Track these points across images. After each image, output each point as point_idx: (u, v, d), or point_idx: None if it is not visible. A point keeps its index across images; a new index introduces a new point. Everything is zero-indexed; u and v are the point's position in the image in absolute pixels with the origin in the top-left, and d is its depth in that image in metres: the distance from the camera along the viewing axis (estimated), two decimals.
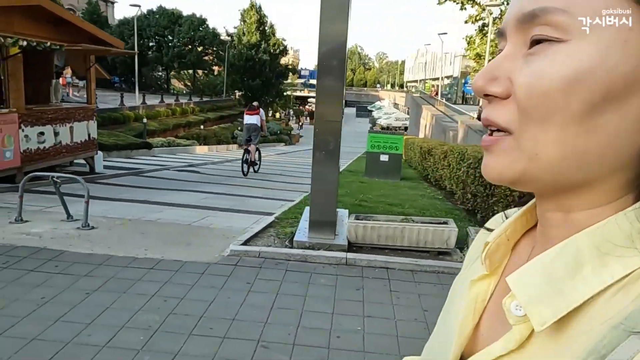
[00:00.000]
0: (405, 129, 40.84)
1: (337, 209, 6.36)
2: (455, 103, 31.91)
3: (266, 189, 9.81)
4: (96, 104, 10.40)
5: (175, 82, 47.44)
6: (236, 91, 41.66)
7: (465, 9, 18.45)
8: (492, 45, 17.61)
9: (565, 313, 0.34)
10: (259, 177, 11.96)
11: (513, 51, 0.37)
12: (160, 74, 44.11)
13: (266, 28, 41.27)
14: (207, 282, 3.82)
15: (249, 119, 11.87)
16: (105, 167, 10.90)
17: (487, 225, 0.53)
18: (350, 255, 4.46)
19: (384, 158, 14.05)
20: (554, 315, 0.35)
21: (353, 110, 77.63)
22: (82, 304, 3.33)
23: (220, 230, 5.50)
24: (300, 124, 47.94)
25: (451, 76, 55.97)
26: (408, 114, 44.29)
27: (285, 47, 42.09)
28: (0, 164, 7.54)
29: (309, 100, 61.72)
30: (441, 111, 22.39)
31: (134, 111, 20.88)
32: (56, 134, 8.83)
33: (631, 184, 0.36)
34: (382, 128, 45.18)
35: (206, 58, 40.95)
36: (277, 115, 48.10)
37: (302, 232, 5.09)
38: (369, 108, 68.87)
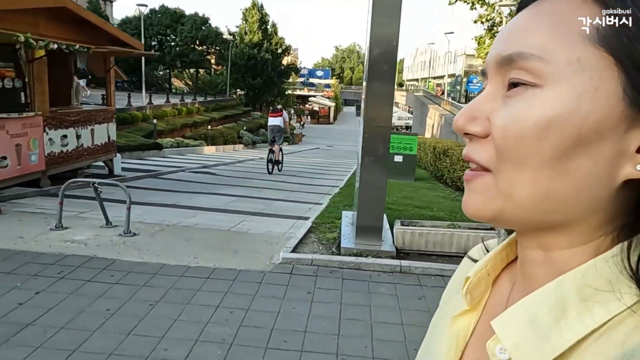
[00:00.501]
0: (407, 127, 40.86)
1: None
2: (459, 102, 31.93)
3: (287, 191, 9.75)
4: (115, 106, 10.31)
5: (175, 81, 47.23)
6: (237, 90, 41.54)
7: (475, 8, 18.39)
8: None
9: (551, 359, 0.35)
10: (277, 178, 11.91)
11: (493, 92, 0.39)
12: (161, 73, 43.92)
13: (268, 27, 41.17)
14: (268, 292, 3.76)
15: (273, 121, 12.18)
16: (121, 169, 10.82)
17: (470, 254, 0.54)
18: (405, 262, 4.41)
19: (398, 159, 14.00)
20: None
21: (353, 109, 77.61)
22: (149, 316, 3.27)
23: (260, 236, 5.44)
24: (302, 122, 47.87)
25: (453, 75, 56.00)
26: (410, 112, 44.28)
27: (288, 46, 42.00)
28: (26, 167, 7.44)
29: (310, 99, 61.55)
30: (448, 111, 22.36)
31: (141, 111, 20.73)
32: (78, 136, 8.74)
33: (609, 224, 0.37)
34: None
35: (208, 57, 40.78)
36: None
37: (347, 238, 5.04)
38: None
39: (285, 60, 43.05)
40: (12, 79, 7.07)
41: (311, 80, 77.49)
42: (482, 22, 19.49)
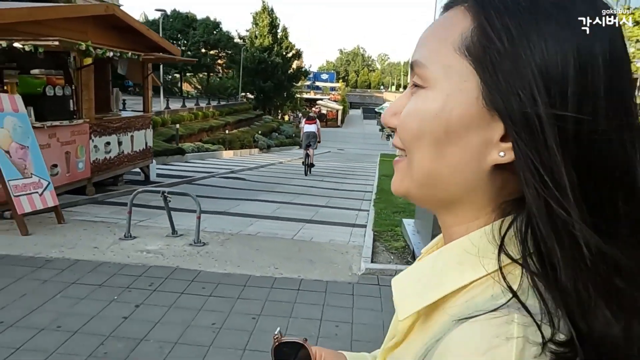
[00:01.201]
0: None
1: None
2: None
3: (325, 197, 9.70)
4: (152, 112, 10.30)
5: (183, 85, 47.31)
6: (247, 93, 41.57)
7: None
8: None
9: (421, 307, 0.44)
10: (307, 183, 11.88)
11: (407, 91, 0.47)
12: (169, 77, 44.00)
13: (278, 31, 41.22)
14: (364, 304, 3.71)
15: (308, 128, 13.36)
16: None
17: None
18: None
19: None
20: (412, 309, 0.45)
21: (358, 112, 77.58)
22: (256, 331, 3.22)
23: (326, 245, 5.39)
24: None
25: None
26: None
27: (299, 51, 42.03)
28: (74, 175, 7.43)
29: (318, 102, 61.59)
30: None
31: (160, 116, 20.73)
32: (119, 143, 8.72)
33: (491, 203, 0.44)
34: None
35: (220, 61, 40.84)
36: (286, 118, 48.02)
37: (420, 247, 4.98)
38: (376, 110, 68.76)
39: (295, 64, 43.07)
40: (62, 87, 7.07)
41: (317, 83, 77.59)
42: None
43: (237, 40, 41.03)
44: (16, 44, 5.40)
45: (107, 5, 7.15)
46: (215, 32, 39.13)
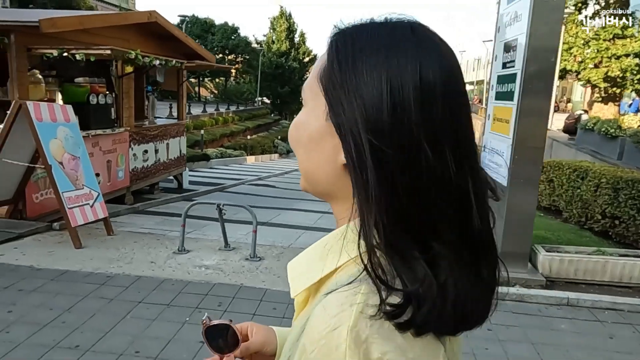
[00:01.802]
0: None
1: None
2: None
3: None
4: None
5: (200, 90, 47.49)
6: (264, 98, 41.63)
7: None
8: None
9: (307, 286, 0.56)
10: None
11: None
12: (189, 81, 44.24)
13: (296, 36, 41.26)
14: None
15: None
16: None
17: None
18: (573, 294, 4.11)
19: None
20: (300, 288, 0.57)
21: None
22: None
23: None
24: None
25: (482, 82, 55.44)
26: None
27: (316, 55, 41.98)
28: (115, 184, 7.35)
29: None
30: None
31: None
32: (156, 151, 8.65)
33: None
34: None
35: (237, 66, 40.98)
36: None
37: None
38: None
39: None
40: (105, 95, 7.00)
41: None
42: None
43: (254, 45, 41.14)
44: (71, 54, 5.32)
45: (150, 13, 7.07)
46: (233, 37, 39.27)
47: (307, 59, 41.57)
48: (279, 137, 28.32)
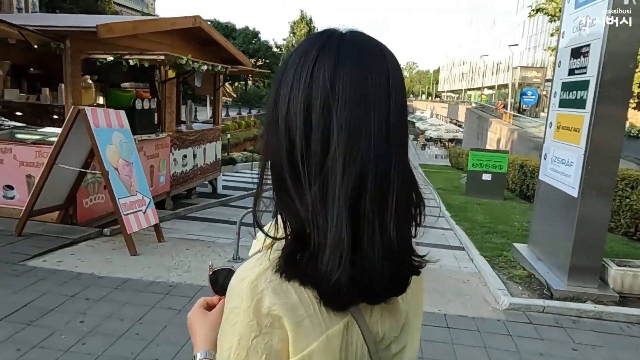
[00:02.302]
0: (452, 140, 39.95)
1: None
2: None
3: None
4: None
5: None
6: None
7: (554, 20, 17.74)
8: None
9: (254, 251, 0.70)
10: None
11: None
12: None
13: None
14: (530, 347, 3.34)
15: None
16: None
17: None
18: None
19: (486, 177, 13.48)
20: (251, 252, 0.73)
21: None
22: None
23: (444, 271, 5.04)
24: None
25: (505, 86, 54.86)
26: (456, 125, 43.39)
27: None
28: (156, 189, 7.32)
29: None
30: (518, 126, 21.51)
31: None
32: (194, 156, 8.63)
33: None
34: (428, 139, 44.42)
35: (269, 71, 41.21)
36: None
37: (554, 278, 4.57)
38: (408, 119, 67.78)
39: None
40: (149, 100, 6.99)
41: None
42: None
43: (274, 49, 41.29)
44: (125, 59, 5.30)
45: (194, 18, 7.06)
46: (254, 41, 39.48)
47: None
48: None
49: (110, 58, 5.42)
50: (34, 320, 3.27)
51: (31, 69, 6.94)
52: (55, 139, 6.15)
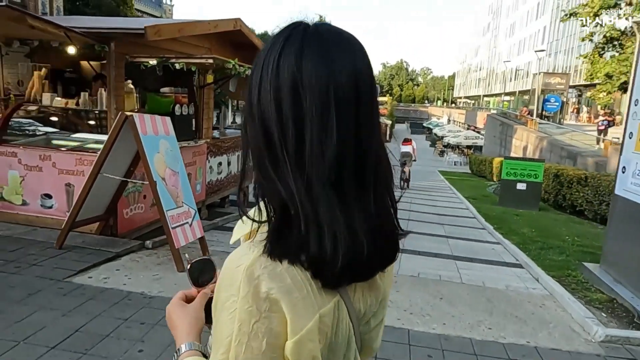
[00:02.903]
0: (470, 147, 39.23)
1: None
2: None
3: (438, 224, 8.95)
4: None
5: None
6: None
7: (586, 25, 17.23)
8: (621, 64, 16.23)
9: (238, 237, 0.71)
10: (405, 199, 11.16)
11: None
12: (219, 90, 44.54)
13: None
14: None
15: (404, 148, 15.36)
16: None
17: None
18: None
19: (520, 186, 13.00)
20: (234, 237, 0.72)
21: (404, 126, 76.27)
22: None
23: (509, 292, 4.65)
24: None
25: (514, 92, 54.09)
26: (475, 131, 42.69)
27: None
28: (194, 197, 7.03)
29: None
30: (546, 133, 20.89)
31: None
32: (228, 163, 8.35)
33: None
34: (446, 146, 43.74)
35: None
36: None
37: (636, 302, 4.15)
38: (424, 125, 67.29)
39: None
40: (187, 106, 6.72)
41: None
42: (591, 40, 18.24)
43: None
44: (171, 63, 5.03)
45: (235, 21, 6.79)
46: None
47: None
48: None
49: (154, 62, 5.16)
50: (89, 348, 2.96)
51: (67, 72, 6.72)
52: (93, 146, 5.92)
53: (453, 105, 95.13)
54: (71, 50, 5.18)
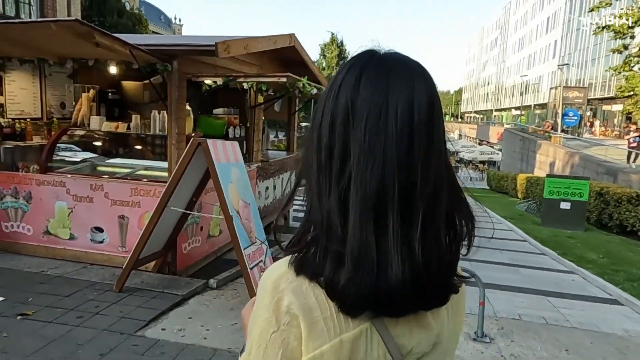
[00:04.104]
0: (485, 162, 38.66)
1: None
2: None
3: (494, 250, 8.36)
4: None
5: None
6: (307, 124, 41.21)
7: (618, 37, 16.80)
8: None
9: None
10: None
11: None
12: None
13: None
14: None
15: None
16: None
17: None
18: None
19: (564, 206, 12.39)
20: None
21: None
22: None
23: (634, 339, 4.05)
24: None
25: (529, 106, 53.66)
26: (489, 146, 42.18)
27: None
28: None
29: None
30: (574, 148, 20.29)
31: None
32: (274, 187, 7.83)
33: None
34: (458, 161, 43.16)
35: None
36: None
37: None
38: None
39: None
40: (239, 127, 6.26)
41: None
42: (620, 53, 17.81)
43: None
44: (239, 82, 4.56)
45: (290, 36, 6.36)
46: None
47: None
48: None
49: (220, 81, 4.69)
50: None
51: (110, 93, 6.28)
52: (144, 173, 5.44)
53: (461, 120, 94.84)
54: (113, 69, 4.74)
